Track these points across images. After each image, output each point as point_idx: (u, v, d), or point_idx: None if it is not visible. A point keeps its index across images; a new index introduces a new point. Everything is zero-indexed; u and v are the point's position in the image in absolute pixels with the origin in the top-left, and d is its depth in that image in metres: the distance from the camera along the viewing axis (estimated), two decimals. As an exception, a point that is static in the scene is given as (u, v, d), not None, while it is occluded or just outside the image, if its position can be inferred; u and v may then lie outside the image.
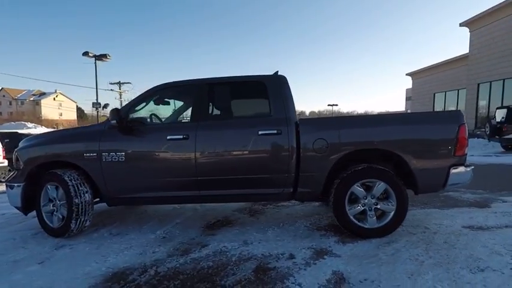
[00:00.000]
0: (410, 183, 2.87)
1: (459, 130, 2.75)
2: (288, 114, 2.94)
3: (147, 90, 3.21)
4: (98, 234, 3.15)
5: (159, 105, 3.56)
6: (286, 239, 2.89)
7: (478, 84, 18.70)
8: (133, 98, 3.18)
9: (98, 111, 18.03)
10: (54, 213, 3.11)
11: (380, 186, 2.80)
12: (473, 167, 2.86)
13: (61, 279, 2.20)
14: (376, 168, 2.81)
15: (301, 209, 3.91)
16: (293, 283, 2.07)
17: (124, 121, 2.96)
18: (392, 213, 2.80)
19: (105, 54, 16.35)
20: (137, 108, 3.20)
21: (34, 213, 3.23)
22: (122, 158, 2.97)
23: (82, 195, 3.01)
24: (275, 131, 2.87)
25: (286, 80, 3.07)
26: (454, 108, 22.73)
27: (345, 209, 2.82)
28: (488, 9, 17.18)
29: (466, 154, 2.82)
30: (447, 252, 2.46)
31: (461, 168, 2.80)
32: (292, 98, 3.00)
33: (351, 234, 2.85)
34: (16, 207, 3.27)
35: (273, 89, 3.02)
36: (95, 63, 16.61)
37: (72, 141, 3.09)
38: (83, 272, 2.31)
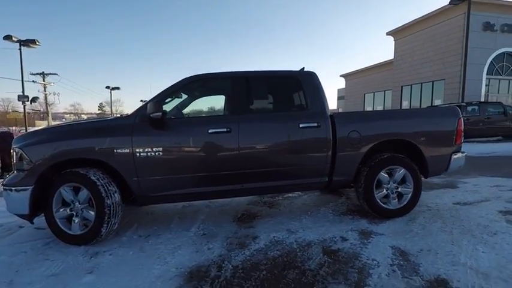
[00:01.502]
0: (421, 168, 3.36)
1: (458, 123, 3.34)
2: (323, 108, 3.14)
3: (177, 82, 3.04)
4: (127, 238, 2.89)
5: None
6: (325, 224, 3.11)
7: (402, 87, 21.75)
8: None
9: (24, 105, 15.37)
10: (73, 218, 2.75)
11: (401, 172, 3.22)
12: (466, 153, 3.50)
13: (136, 285, 2.02)
14: (398, 157, 3.22)
15: (310, 198, 4.17)
16: (368, 259, 2.31)
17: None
18: (409, 195, 3.25)
19: (34, 40, 13.99)
20: (167, 101, 3.02)
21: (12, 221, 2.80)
22: (159, 154, 2.78)
23: (112, 196, 2.73)
24: (315, 124, 3.04)
25: (317, 76, 3.27)
26: (381, 108, 25.99)
27: (373, 194, 3.17)
28: (410, 22, 20.09)
29: (462, 143, 3.43)
30: (461, 224, 2.99)
31: (459, 155, 3.40)
32: (324, 93, 3.22)
33: (378, 215, 3.20)
34: (19, 215, 2.77)
35: (307, 83, 3.19)
36: (20, 49, 14.10)
37: (98, 136, 2.76)
38: (154, 275, 2.15)
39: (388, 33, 22.46)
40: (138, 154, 2.75)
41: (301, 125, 3.03)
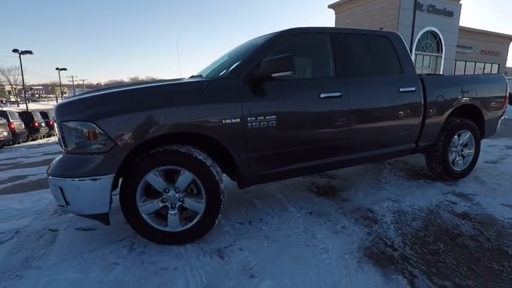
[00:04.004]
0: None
1: (506, 89, 3.63)
2: (415, 72, 3.01)
3: (275, 36, 2.47)
4: (229, 228, 2.37)
5: None
6: (413, 191, 3.10)
7: (342, 59, 23.09)
8: None
9: None
10: (169, 211, 2.09)
11: (467, 136, 3.39)
12: (506, 117, 3.87)
13: (333, 282, 1.65)
14: (467, 121, 3.35)
15: (357, 167, 4.11)
16: (504, 218, 2.39)
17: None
18: (471, 157, 3.47)
19: None
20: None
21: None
22: (272, 123, 2.27)
23: (222, 179, 2.16)
24: (413, 89, 2.90)
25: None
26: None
27: (448, 157, 3.28)
28: (350, -4, 21.01)
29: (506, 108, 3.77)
30: (519, 178, 3.35)
31: (502, 118, 3.74)
32: (410, 56, 3.07)
33: (449, 177, 3.34)
34: (91, 216, 1.97)
35: (398, 45, 2.98)
36: None
37: (203, 102, 2.07)
38: (334, 265, 1.79)
39: (329, 6, 23.20)
40: (249, 125, 2.19)
41: (401, 90, 2.85)
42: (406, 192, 3.04)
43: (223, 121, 2.11)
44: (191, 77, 2.93)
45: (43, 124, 15.36)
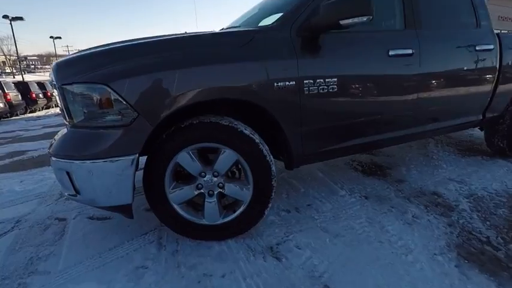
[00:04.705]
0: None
1: None
2: (492, 27, 2.45)
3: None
4: (274, 217, 1.96)
5: None
6: (478, 170, 2.66)
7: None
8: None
9: None
10: (206, 199, 1.66)
11: (538, 105, 2.88)
12: None
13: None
14: (540, 88, 2.84)
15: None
16: None
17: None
18: (535, 129, 2.99)
19: None
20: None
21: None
22: (333, 88, 1.77)
23: (273, 160, 1.71)
24: (491, 47, 2.37)
25: (478, -18, 2.48)
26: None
27: (514, 131, 2.81)
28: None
29: None
30: None
31: None
32: (487, 6, 2.49)
33: (511, 154, 2.89)
34: (109, 208, 1.54)
35: (474, -9, 2.40)
36: None
37: (249, 58, 1.56)
38: (431, 272, 1.39)
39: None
40: (306, 89, 1.69)
41: (477, 48, 2.32)
42: (469, 172, 2.61)
43: (275, 84, 1.61)
44: (221, 29, 2.38)
45: (41, 95, 14.70)
